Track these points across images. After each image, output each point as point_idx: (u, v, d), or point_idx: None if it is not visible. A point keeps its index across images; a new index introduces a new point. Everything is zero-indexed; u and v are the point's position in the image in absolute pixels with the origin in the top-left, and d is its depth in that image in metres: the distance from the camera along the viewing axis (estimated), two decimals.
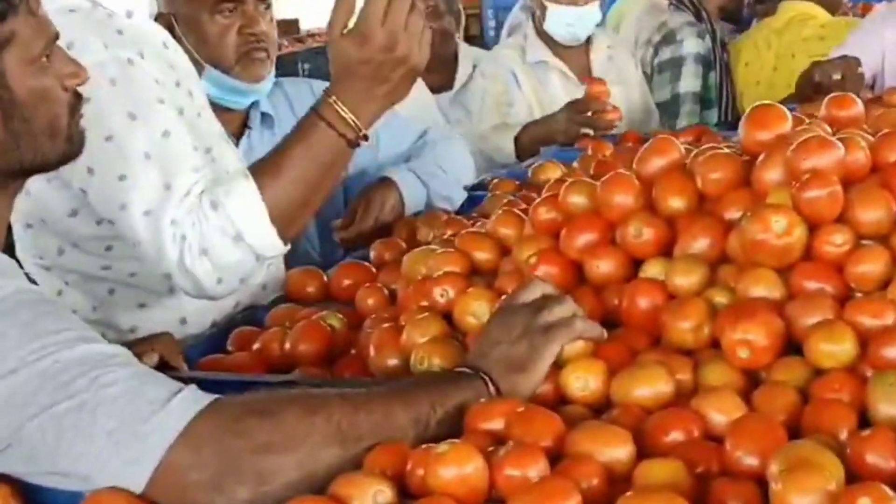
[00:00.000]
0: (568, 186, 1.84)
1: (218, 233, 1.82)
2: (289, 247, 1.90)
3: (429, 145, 2.69)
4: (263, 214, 1.83)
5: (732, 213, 1.66)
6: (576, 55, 3.84)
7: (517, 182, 2.74)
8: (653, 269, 1.67)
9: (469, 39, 6.55)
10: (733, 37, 4.64)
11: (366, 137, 1.86)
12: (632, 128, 3.58)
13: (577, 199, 1.82)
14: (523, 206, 2.12)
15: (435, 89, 3.91)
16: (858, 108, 1.92)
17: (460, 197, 2.64)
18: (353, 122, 1.81)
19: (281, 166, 1.86)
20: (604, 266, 1.71)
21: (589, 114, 3.36)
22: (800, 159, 1.58)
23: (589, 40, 3.85)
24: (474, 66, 4.10)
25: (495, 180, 2.78)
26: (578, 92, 3.67)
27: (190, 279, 1.84)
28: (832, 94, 1.98)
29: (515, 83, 3.78)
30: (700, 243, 1.65)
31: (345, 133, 1.82)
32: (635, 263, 1.70)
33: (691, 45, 4.21)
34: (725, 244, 1.63)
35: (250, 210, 1.83)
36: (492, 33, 7.78)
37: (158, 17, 2.44)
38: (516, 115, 3.72)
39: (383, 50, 1.77)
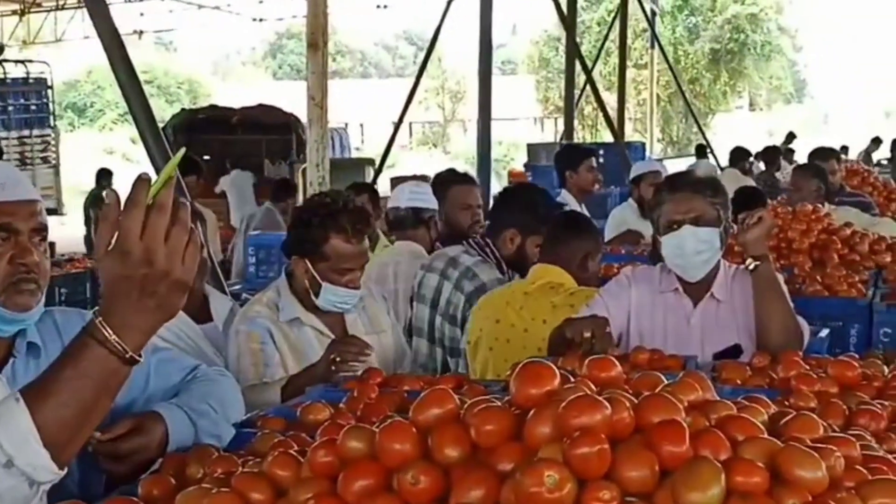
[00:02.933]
0: (347, 431, 1.89)
1: None
2: (65, 471, 1.85)
3: (199, 381, 2.68)
4: (35, 438, 1.79)
5: (505, 465, 1.74)
6: (330, 311, 3.91)
7: (285, 420, 2.75)
8: None
9: (226, 275, 6.63)
10: None
11: (137, 356, 1.84)
12: (387, 371, 3.64)
13: (356, 444, 1.86)
14: (296, 446, 2.15)
15: (198, 322, 3.96)
16: (617, 369, 2.07)
17: (229, 435, 2.62)
18: (119, 343, 1.81)
19: (53, 388, 1.83)
20: None
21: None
22: (570, 416, 1.69)
23: None
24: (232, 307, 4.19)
25: (263, 418, 2.79)
26: None
27: None
28: (592, 357, 2.12)
29: (271, 341, 3.79)
30: (475, 493, 1.71)
31: (116, 351, 1.81)
32: None
33: (486, 275, 4.77)
34: (499, 495, 1.69)
35: (21, 434, 1.79)
36: (252, 269, 7.83)
37: None
38: (273, 374, 3.72)
39: (142, 264, 1.76)
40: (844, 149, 20.57)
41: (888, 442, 2.41)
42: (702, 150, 21.67)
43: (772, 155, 14.71)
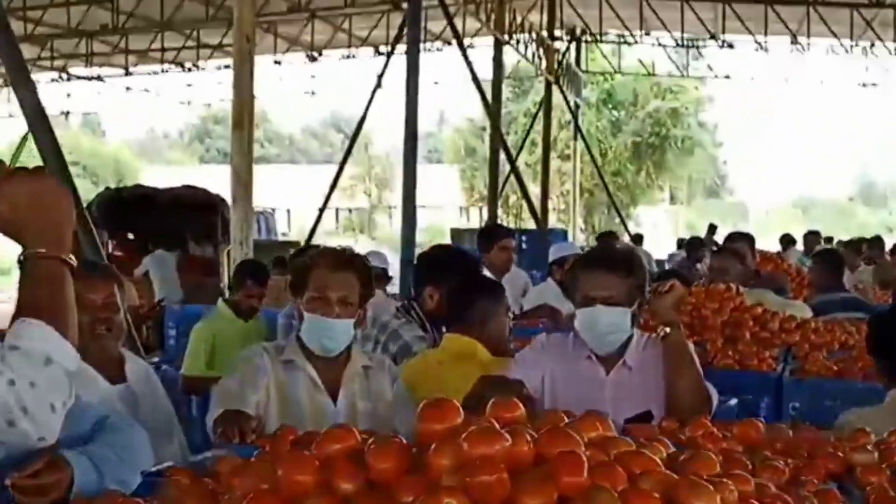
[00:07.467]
0: (248, 465, 1.90)
1: None
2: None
3: (108, 430, 2.68)
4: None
5: (407, 497, 1.75)
6: (329, 367, 3.89)
7: (193, 472, 2.73)
8: None
9: (146, 349, 6.52)
10: None
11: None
12: None
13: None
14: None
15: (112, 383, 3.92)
16: (521, 411, 2.09)
17: (135, 482, 2.60)
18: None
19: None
20: None
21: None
22: (471, 447, 1.72)
23: (349, 356, 3.93)
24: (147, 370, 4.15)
25: (172, 468, 2.77)
26: (323, 399, 3.82)
27: None
28: (496, 399, 2.15)
29: (266, 377, 3.80)
30: None
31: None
32: None
33: (408, 334, 5.04)
34: None
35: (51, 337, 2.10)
36: (172, 342, 7.71)
37: None
38: (245, 401, 3.65)
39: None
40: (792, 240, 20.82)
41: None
42: (639, 240, 21.90)
43: (695, 246, 15.00)
